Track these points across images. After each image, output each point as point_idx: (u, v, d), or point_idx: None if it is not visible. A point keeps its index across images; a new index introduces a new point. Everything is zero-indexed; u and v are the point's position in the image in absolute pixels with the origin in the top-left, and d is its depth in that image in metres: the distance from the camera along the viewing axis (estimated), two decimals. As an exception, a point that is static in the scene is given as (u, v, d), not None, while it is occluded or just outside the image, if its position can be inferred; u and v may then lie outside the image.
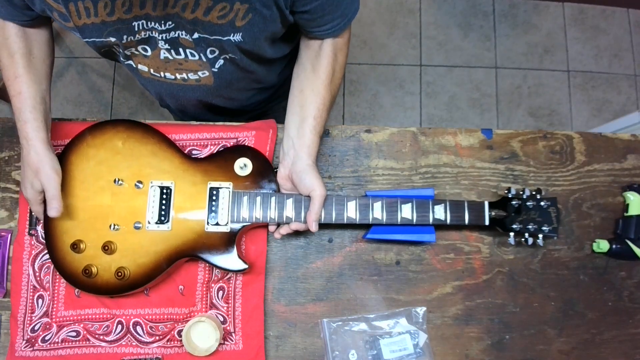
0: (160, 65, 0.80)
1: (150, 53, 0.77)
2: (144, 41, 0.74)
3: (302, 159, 0.79)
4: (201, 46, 0.74)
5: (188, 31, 0.71)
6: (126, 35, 0.71)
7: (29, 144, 0.76)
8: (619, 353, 0.87)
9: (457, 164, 0.92)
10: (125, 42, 0.73)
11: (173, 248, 0.80)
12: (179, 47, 0.75)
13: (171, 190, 0.81)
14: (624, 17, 2.18)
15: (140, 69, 0.82)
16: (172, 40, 0.73)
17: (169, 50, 0.75)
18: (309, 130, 0.80)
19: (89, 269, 0.78)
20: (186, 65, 0.79)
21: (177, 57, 0.77)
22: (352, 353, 0.84)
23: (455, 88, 2.11)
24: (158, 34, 0.72)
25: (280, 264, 0.88)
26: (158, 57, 0.77)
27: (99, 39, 0.72)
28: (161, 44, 0.74)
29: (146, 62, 0.79)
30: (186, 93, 0.89)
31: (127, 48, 0.75)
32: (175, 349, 0.83)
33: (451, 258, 0.89)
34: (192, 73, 0.81)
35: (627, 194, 0.91)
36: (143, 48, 0.76)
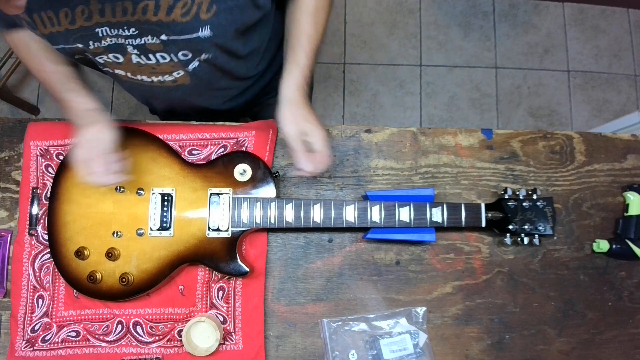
0: (134, 69, 0.79)
1: (122, 59, 0.76)
2: (112, 48, 0.73)
3: (280, 95, 0.77)
4: (171, 48, 0.73)
5: (154, 35, 0.70)
6: (92, 41, 0.71)
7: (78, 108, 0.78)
8: (619, 353, 0.87)
9: (457, 164, 0.92)
10: (93, 48, 0.73)
11: (175, 254, 0.80)
12: (149, 53, 0.74)
13: (172, 197, 0.82)
14: (624, 17, 2.18)
15: (117, 74, 0.81)
16: (140, 47, 0.72)
17: (139, 56, 0.75)
18: (285, 61, 0.78)
19: (93, 275, 0.79)
20: (159, 69, 0.78)
21: (150, 62, 0.76)
22: (352, 353, 0.84)
23: (455, 88, 2.10)
24: (125, 40, 0.71)
25: (280, 264, 0.88)
26: (130, 62, 0.77)
27: (67, 45, 0.72)
28: (130, 49, 0.73)
29: (121, 67, 0.79)
30: (167, 93, 0.88)
31: (97, 55, 0.75)
32: (175, 349, 0.83)
33: (451, 258, 0.89)
34: (167, 75, 0.81)
35: (627, 194, 0.91)
36: (114, 56, 0.75)
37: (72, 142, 0.78)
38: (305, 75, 0.78)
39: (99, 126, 0.77)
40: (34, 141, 0.89)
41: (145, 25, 0.68)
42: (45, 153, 0.88)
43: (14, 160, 0.91)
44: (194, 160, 0.88)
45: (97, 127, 0.76)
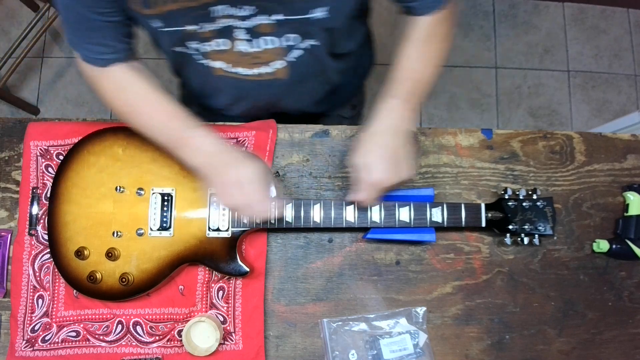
0: (235, 60, 0.77)
1: (227, 47, 0.75)
2: (221, 33, 0.71)
3: (369, 126, 0.74)
4: (283, 29, 0.72)
5: (271, 13, 0.68)
6: (204, 23, 0.69)
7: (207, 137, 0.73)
8: (619, 353, 0.87)
9: (457, 164, 0.92)
10: (203, 32, 0.71)
11: (175, 254, 0.80)
12: (257, 37, 0.72)
13: (172, 197, 0.82)
14: (624, 17, 2.18)
15: (213, 67, 0.80)
16: (251, 29, 0.71)
17: (248, 42, 0.73)
18: (385, 94, 0.75)
19: (93, 275, 0.79)
20: (263, 57, 0.77)
21: (254, 49, 0.75)
22: (352, 353, 0.84)
23: (455, 88, 2.10)
24: (238, 21, 0.69)
25: (280, 264, 0.88)
26: (234, 50, 0.75)
27: (178, 27, 0.69)
28: (239, 33, 0.71)
29: (222, 57, 0.77)
30: (259, 91, 0.86)
31: (204, 41, 0.73)
32: (175, 349, 0.83)
33: (451, 258, 0.89)
34: (267, 66, 0.79)
35: (627, 194, 0.91)
36: (219, 42, 0.74)
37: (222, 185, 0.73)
38: (402, 108, 0.75)
39: (253, 162, 0.73)
40: (34, 141, 0.89)
41: (264, 2, 0.66)
42: (45, 153, 0.88)
43: (14, 160, 0.91)
44: (194, 160, 0.87)
45: (252, 164, 0.72)
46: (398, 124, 0.75)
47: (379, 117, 0.75)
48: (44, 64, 2.09)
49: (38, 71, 2.08)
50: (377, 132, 0.75)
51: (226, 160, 0.73)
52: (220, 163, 0.73)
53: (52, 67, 2.08)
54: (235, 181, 0.72)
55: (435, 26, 0.76)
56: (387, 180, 0.74)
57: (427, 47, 0.77)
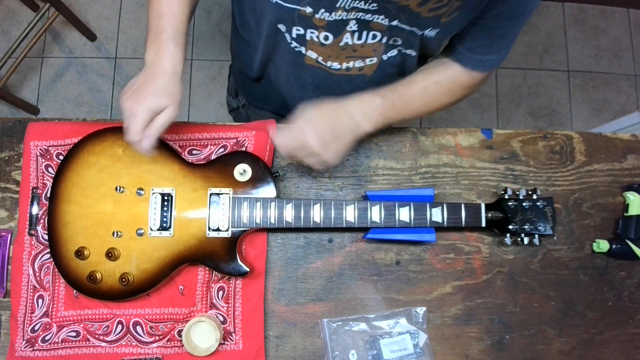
0: (332, 54, 0.77)
1: (331, 41, 0.74)
2: (334, 25, 0.71)
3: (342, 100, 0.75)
4: (391, 33, 0.72)
5: (389, 17, 0.68)
6: (324, 10, 0.68)
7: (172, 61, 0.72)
8: (619, 353, 0.87)
9: (457, 164, 0.92)
10: (319, 19, 0.70)
11: (175, 254, 0.80)
12: (367, 30, 0.72)
13: (172, 197, 0.82)
14: (624, 17, 2.18)
15: (307, 56, 0.79)
16: (365, 23, 0.71)
17: (354, 33, 0.73)
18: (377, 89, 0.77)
19: (93, 275, 0.79)
20: (360, 51, 0.77)
21: (358, 41, 0.75)
22: (352, 353, 0.84)
23: (455, 88, 2.10)
24: (356, 14, 0.69)
25: (280, 264, 0.88)
26: (337, 45, 0.75)
27: (296, 5, 0.69)
28: (351, 26, 0.71)
29: (320, 49, 0.77)
30: (339, 84, 0.85)
31: (313, 28, 0.73)
32: (175, 349, 0.83)
33: (451, 258, 0.89)
34: (361, 60, 0.79)
35: (627, 194, 0.91)
36: (325, 36, 0.74)
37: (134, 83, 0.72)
38: (381, 110, 0.76)
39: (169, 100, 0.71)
40: (34, 141, 0.89)
41: (388, 5, 0.67)
42: (45, 153, 0.88)
43: (14, 160, 0.91)
44: (194, 160, 0.88)
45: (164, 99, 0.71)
46: (363, 117, 0.76)
47: (356, 99, 0.76)
48: (44, 64, 2.09)
49: (38, 71, 2.08)
50: (342, 107, 0.75)
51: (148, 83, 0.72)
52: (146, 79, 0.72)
53: (52, 67, 2.08)
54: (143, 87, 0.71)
55: (463, 83, 0.80)
56: (311, 145, 0.72)
57: (443, 94, 0.80)
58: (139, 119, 0.70)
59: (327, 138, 0.73)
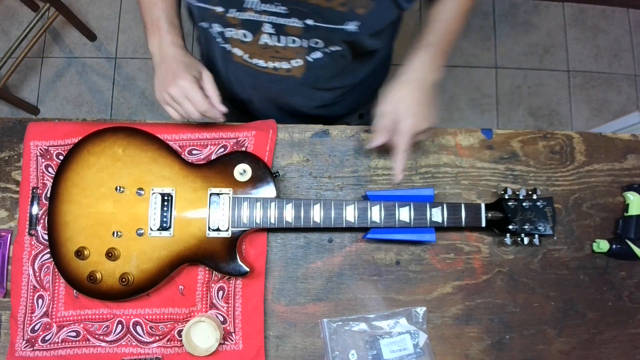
0: (256, 52, 0.79)
1: (251, 39, 0.76)
2: (248, 24, 0.72)
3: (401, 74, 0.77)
4: (309, 34, 0.73)
5: (302, 18, 0.69)
6: (234, 9, 0.70)
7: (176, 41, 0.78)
8: (619, 353, 0.87)
9: (457, 164, 0.92)
10: (231, 17, 0.71)
11: (175, 254, 0.80)
12: (282, 35, 0.73)
13: (172, 197, 0.82)
14: (624, 17, 2.18)
15: (233, 53, 0.81)
16: (279, 27, 0.72)
17: (272, 36, 0.74)
18: (419, 43, 0.78)
19: (93, 275, 0.79)
20: (283, 53, 0.78)
21: (277, 44, 0.76)
22: (352, 353, 0.84)
23: (455, 88, 2.11)
24: (268, 17, 0.70)
25: (280, 264, 0.88)
26: (257, 43, 0.76)
27: (206, 4, 0.71)
28: (266, 27, 0.72)
29: (243, 47, 0.79)
30: (272, 84, 0.87)
31: (228, 26, 0.74)
32: (175, 349, 0.83)
33: (451, 258, 0.89)
34: (286, 62, 0.80)
35: (627, 194, 0.91)
36: (244, 33, 0.75)
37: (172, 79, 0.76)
38: (435, 60, 0.77)
39: (198, 64, 0.77)
40: (34, 141, 0.89)
41: (298, 6, 0.67)
42: (45, 153, 0.88)
43: (14, 160, 0.91)
44: (194, 160, 0.88)
45: (194, 68, 0.76)
46: (428, 74, 0.77)
47: (411, 66, 0.77)
48: (44, 64, 2.09)
49: (38, 71, 2.08)
50: (409, 80, 0.76)
51: (173, 66, 0.76)
52: (167, 67, 0.77)
53: (52, 67, 2.08)
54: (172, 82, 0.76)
55: None
56: (418, 125, 0.75)
57: (462, 1, 0.80)
58: (193, 91, 0.74)
59: (420, 112, 0.75)
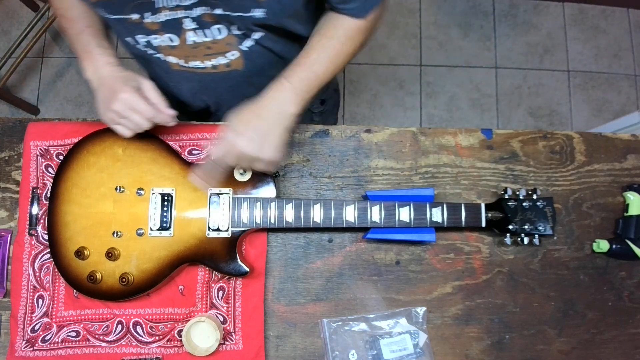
0: (189, 53, 0.79)
1: (177, 42, 0.76)
2: (169, 26, 0.73)
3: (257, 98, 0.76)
4: (225, 23, 0.73)
5: (211, 6, 0.70)
6: (149, 13, 0.70)
7: (109, 61, 0.78)
8: (619, 353, 0.87)
9: (457, 164, 0.92)
10: (149, 22, 0.72)
11: (175, 254, 0.80)
12: (206, 27, 0.73)
13: (172, 197, 0.82)
14: (624, 17, 2.18)
15: (169, 61, 0.81)
16: (198, 19, 0.72)
17: (196, 31, 0.74)
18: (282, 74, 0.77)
19: (93, 275, 0.79)
20: (215, 48, 0.78)
21: (205, 39, 0.76)
22: (352, 353, 0.84)
23: (455, 88, 2.10)
24: (183, 11, 0.70)
25: (280, 264, 0.88)
26: (186, 44, 0.76)
27: (121, 15, 0.71)
28: (187, 23, 0.72)
29: (174, 52, 0.79)
30: (219, 83, 0.87)
31: (151, 34, 0.75)
32: (175, 349, 0.83)
33: (451, 258, 0.89)
34: (222, 56, 0.80)
35: (627, 194, 0.91)
36: (169, 37, 0.75)
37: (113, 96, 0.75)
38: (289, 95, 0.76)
39: (135, 76, 0.76)
40: (34, 141, 0.89)
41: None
42: (45, 153, 0.88)
43: (14, 160, 0.91)
44: (194, 160, 0.88)
45: (132, 80, 0.75)
46: (281, 104, 0.76)
47: (267, 92, 0.76)
48: (44, 64, 2.09)
49: (38, 71, 2.08)
50: (259, 105, 0.76)
51: (111, 84, 0.76)
52: (105, 87, 0.77)
53: (52, 67, 2.08)
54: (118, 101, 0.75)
55: (357, 31, 0.78)
56: (249, 151, 0.73)
57: (341, 49, 0.78)
58: (135, 101, 0.74)
59: (256, 139, 0.74)
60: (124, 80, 0.75)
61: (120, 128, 0.78)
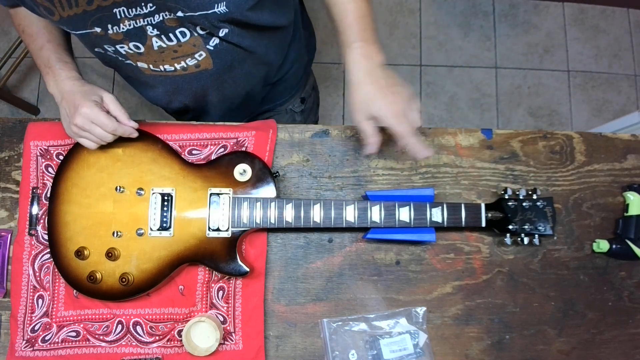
0: (157, 58, 0.80)
1: (143, 49, 0.77)
2: (132, 34, 0.73)
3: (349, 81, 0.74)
4: (188, 24, 0.73)
5: (171, 11, 0.70)
6: (111, 25, 0.71)
7: (70, 75, 0.79)
8: (619, 353, 0.87)
9: (457, 164, 0.92)
10: (113, 34, 0.73)
11: (175, 254, 0.80)
12: (169, 32, 0.74)
13: (172, 197, 0.82)
14: (624, 17, 2.18)
15: (140, 67, 0.82)
16: (159, 25, 0.73)
17: (160, 37, 0.75)
18: (340, 47, 0.75)
19: (93, 275, 0.79)
20: (181, 51, 0.78)
21: (170, 43, 0.76)
22: (352, 353, 0.84)
23: (455, 88, 2.11)
24: (143, 20, 0.71)
25: (280, 264, 0.88)
26: (152, 49, 0.77)
27: (84, 30, 0.72)
28: (150, 30, 0.73)
29: (142, 58, 0.79)
30: (191, 84, 0.88)
31: (117, 43, 0.76)
32: (175, 349, 0.83)
33: (451, 258, 0.89)
34: (190, 58, 0.81)
35: (627, 194, 0.91)
36: (135, 45, 0.76)
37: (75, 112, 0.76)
38: (366, 51, 0.74)
39: (97, 89, 0.77)
40: (34, 141, 0.89)
41: (162, 1, 0.68)
42: (45, 153, 0.88)
43: (14, 160, 0.91)
44: (194, 160, 0.88)
45: (93, 94, 0.77)
46: (371, 64, 0.75)
47: (350, 69, 0.75)
48: (44, 64, 2.08)
49: (38, 71, 2.07)
50: (359, 82, 0.74)
51: (72, 99, 0.77)
52: (67, 101, 0.78)
53: (52, 67, 2.08)
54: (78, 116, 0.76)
55: None
56: (396, 111, 0.72)
57: None
58: (95, 114, 0.75)
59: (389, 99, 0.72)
60: (84, 94, 0.76)
61: (84, 141, 0.79)
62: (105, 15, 0.70)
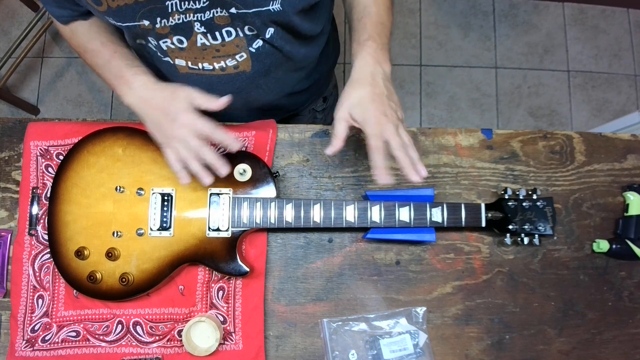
0: (197, 55, 0.79)
1: (186, 43, 0.76)
2: (179, 28, 0.72)
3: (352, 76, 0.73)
4: (238, 22, 0.73)
5: (224, 7, 0.69)
6: (160, 18, 0.70)
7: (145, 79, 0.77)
8: (619, 353, 0.87)
9: (457, 164, 0.92)
10: (160, 27, 0.71)
11: (175, 254, 0.80)
12: (215, 30, 0.73)
13: (172, 197, 0.82)
14: (624, 17, 2.18)
15: (177, 65, 0.81)
16: (207, 22, 0.72)
17: (206, 35, 0.74)
18: (354, 41, 0.76)
19: (93, 275, 0.79)
20: (224, 50, 0.78)
21: (214, 42, 0.76)
22: (352, 353, 0.84)
23: (455, 88, 2.11)
24: (193, 15, 0.70)
25: (280, 264, 0.88)
26: (195, 46, 0.76)
27: (133, 22, 0.71)
28: (197, 26, 0.72)
29: (183, 54, 0.78)
30: (226, 85, 0.87)
31: (161, 38, 0.74)
32: (175, 349, 0.83)
33: (451, 258, 0.89)
34: (230, 58, 0.80)
35: (627, 194, 0.91)
36: (178, 39, 0.75)
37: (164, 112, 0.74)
38: (376, 54, 0.74)
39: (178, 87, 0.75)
40: (34, 141, 0.89)
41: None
42: (45, 153, 0.88)
43: (14, 160, 0.91)
44: (194, 160, 0.87)
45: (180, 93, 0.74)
46: (376, 69, 0.74)
47: (356, 66, 0.75)
48: (44, 64, 2.09)
49: (38, 71, 2.08)
50: (359, 81, 0.74)
51: (155, 104, 0.75)
52: (149, 106, 0.76)
53: (52, 67, 2.08)
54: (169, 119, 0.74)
55: None
56: (380, 124, 0.71)
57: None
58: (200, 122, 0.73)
59: (378, 109, 0.72)
60: (171, 97, 0.74)
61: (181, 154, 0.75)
62: (156, 8, 0.68)
